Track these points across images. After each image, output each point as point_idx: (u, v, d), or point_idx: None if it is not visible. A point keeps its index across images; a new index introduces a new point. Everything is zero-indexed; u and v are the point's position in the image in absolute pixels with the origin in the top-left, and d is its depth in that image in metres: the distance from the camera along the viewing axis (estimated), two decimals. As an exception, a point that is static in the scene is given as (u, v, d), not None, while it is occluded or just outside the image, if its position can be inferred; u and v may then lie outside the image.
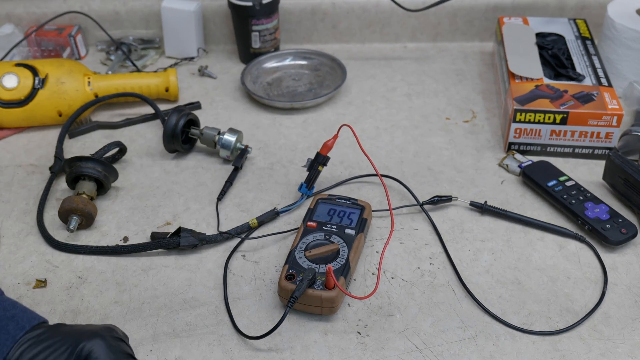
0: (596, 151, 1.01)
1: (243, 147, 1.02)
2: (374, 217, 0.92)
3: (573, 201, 0.91)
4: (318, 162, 0.94)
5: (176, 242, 0.86)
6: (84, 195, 0.92)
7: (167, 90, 1.16)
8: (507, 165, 1.00)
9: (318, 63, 1.26)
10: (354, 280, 0.83)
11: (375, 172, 0.91)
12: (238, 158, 1.01)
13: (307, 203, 0.95)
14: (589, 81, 1.05)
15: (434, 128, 1.11)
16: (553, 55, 1.13)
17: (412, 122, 1.12)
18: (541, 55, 1.12)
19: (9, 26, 1.28)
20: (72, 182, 0.95)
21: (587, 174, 0.99)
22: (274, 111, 1.16)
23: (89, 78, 1.13)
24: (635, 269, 0.84)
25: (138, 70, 1.25)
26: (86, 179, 0.94)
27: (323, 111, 1.16)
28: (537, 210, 0.93)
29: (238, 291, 0.82)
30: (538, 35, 1.18)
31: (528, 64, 1.08)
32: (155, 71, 1.23)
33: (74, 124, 1.11)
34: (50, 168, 1.00)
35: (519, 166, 0.99)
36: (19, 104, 1.08)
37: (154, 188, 0.99)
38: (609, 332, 0.76)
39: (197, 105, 1.17)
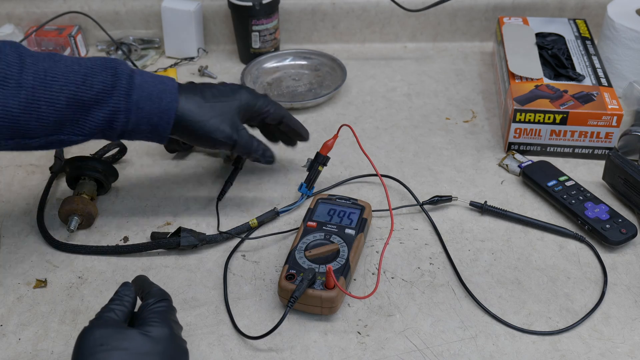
0: (596, 151, 1.01)
1: (243, 147, 1.02)
2: (374, 217, 0.92)
3: (573, 201, 0.91)
4: (318, 162, 0.94)
5: (176, 242, 0.86)
6: (84, 195, 0.91)
7: (167, 90, 1.16)
8: (507, 165, 1.00)
9: (318, 63, 1.26)
10: (354, 280, 0.83)
11: (375, 172, 0.91)
12: (238, 158, 1.01)
13: (307, 203, 0.95)
14: (588, 81, 1.05)
15: (434, 128, 1.10)
16: (553, 55, 1.13)
17: (412, 122, 1.12)
18: (541, 55, 1.12)
19: (9, 26, 1.27)
20: (72, 182, 0.95)
21: (587, 174, 0.99)
22: (274, 111, 1.15)
23: (89, 78, 1.13)
24: (635, 269, 0.84)
25: (138, 70, 1.25)
26: (86, 179, 0.94)
27: (323, 111, 1.16)
28: (537, 210, 0.93)
29: (238, 291, 0.82)
30: (538, 35, 1.17)
31: (528, 64, 1.08)
32: (155, 71, 1.23)
33: (74, 124, 1.11)
34: (50, 168, 1.00)
35: (519, 166, 0.99)
36: (19, 104, 1.08)
37: (154, 188, 0.99)
38: (609, 332, 0.76)
39: (197, 105, 1.17)
